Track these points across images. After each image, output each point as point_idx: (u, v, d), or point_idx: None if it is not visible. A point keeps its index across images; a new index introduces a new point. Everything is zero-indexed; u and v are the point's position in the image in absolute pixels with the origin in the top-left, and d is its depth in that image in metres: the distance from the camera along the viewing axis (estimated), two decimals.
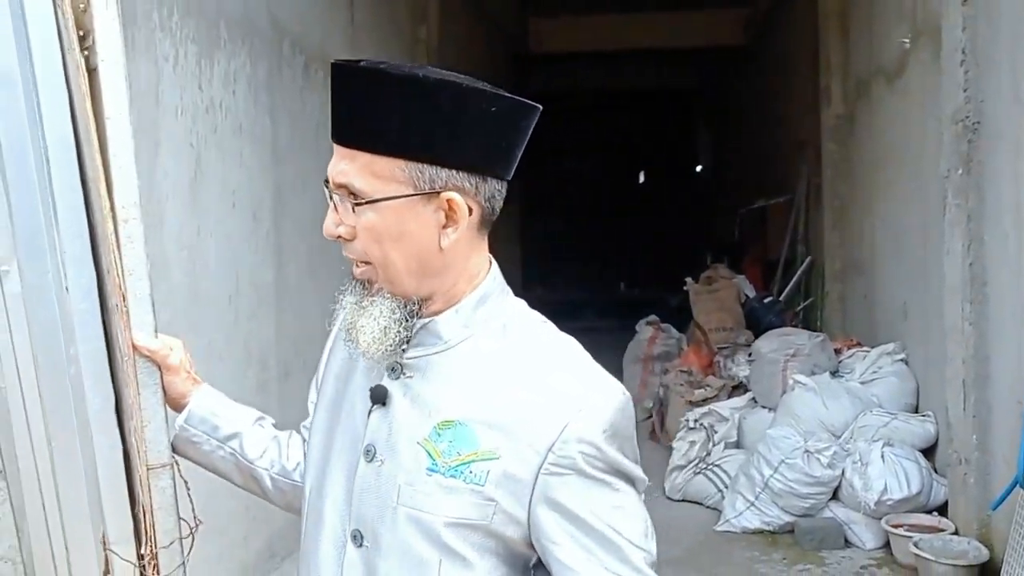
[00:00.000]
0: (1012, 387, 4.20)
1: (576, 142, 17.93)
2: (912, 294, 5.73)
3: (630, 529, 1.23)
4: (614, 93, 16.33)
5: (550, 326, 1.33)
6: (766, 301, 8.31)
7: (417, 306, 1.27)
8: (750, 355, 6.54)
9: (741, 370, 6.52)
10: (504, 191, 1.28)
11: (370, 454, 1.29)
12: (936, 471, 5.10)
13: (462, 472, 1.22)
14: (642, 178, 20.37)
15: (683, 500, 5.83)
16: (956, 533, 4.60)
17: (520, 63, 13.05)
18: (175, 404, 1.56)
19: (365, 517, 1.29)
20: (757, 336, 7.85)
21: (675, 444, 5.99)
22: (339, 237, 1.28)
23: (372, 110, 1.19)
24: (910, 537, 4.58)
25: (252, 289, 4.55)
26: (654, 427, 7.53)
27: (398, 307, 1.26)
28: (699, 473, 5.77)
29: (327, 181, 1.26)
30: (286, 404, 4.87)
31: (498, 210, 1.28)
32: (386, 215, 1.21)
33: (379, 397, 1.30)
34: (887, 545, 4.89)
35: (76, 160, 1.47)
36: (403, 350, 1.28)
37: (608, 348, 11.48)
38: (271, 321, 4.76)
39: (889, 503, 4.84)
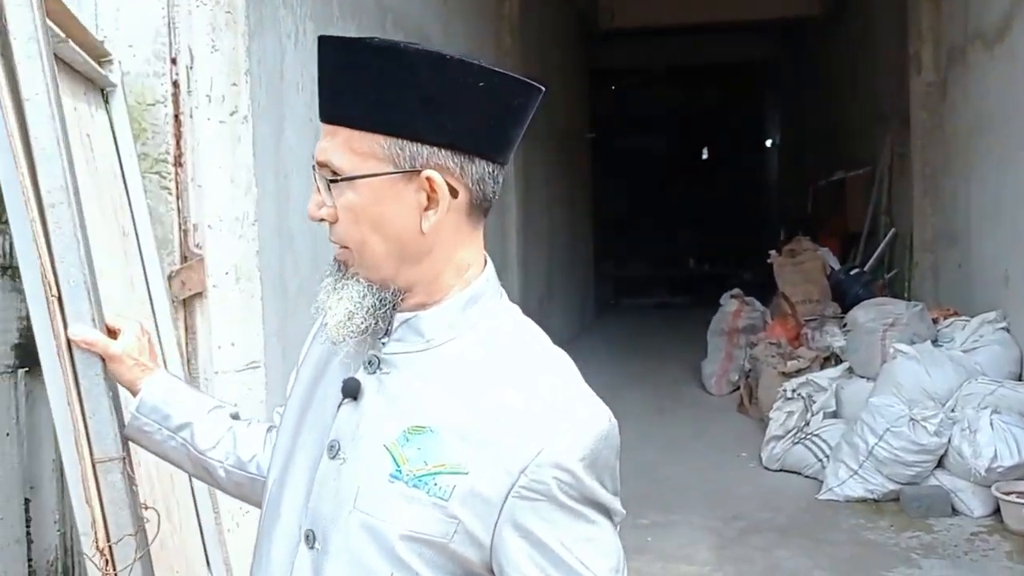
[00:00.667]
0: None
1: (645, 117, 17.85)
2: (1016, 261, 5.66)
3: (600, 564, 1.11)
4: (684, 68, 16.20)
5: (543, 338, 1.23)
6: (852, 273, 8.25)
7: (394, 296, 1.18)
8: (844, 325, 6.50)
9: (836, 340, 6.49)
10: (499, 176, 1.18)
11: (333, 450, 1.21)
12: None
13: (426, 483, 1.12)
14: (706, 153, 20.23)
15: (781, 470, 5.85)
16: None
17: (591, 40, 13.02)
18: (132, 391, 1.48)
19: (320, 516, 1.20)
20: (843, 308, 7.83)
21: (772, 415, 6.00)
22: (322, 220, 1.19)
23: (351, 84, 1.13)
24: (1023, 504, 4.55)
25: None
26: (742, 399, 7.55)
27: (369, 293, 1.17)
28: (798, 443, 5.78)
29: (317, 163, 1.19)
30: None
31: (491, 196, 1.18)
32: (364, 194, 1.14)
33: (350, 391, 1.21)
34: (996, 512, 4.87)
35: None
36: (382, 343, 1.20)
37: (680, 323, 11.54)
38: None
39: (999, 470, 4.82)
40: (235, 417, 1.52)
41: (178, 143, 3.03)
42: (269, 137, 3.64)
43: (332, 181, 1.15)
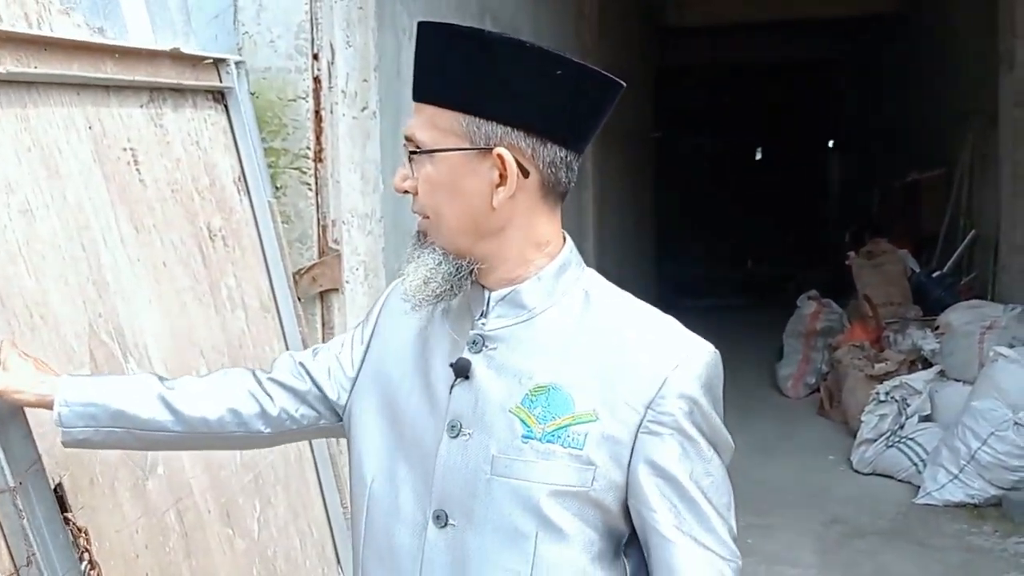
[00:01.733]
0: None
1: (711, 116, 17.72)
2: None
3: (719, 500, 1.20)
4: (753, 66, 16.06)
5: (629, 294, 1.31)
6: (934, 275, 8.13)
7: (469, 265, 1.24)
8: (936, 328, 6.41)
9: (927, 343, 6.40)
10: (573, 163, 1.25)
11: (455, 429, 1.25)
12: None
13: (559, 436, 1.19)
14: (767, 153, 20.03)
15: (873, 473, 5.78)
16: None
17: (660, 36, 12.96)
18: (46, 408, 1.45)
19: (451, 495, 1.24)
20: (925, 311, 7.72)
21: (864, 417, 5.93)
22: (406, 191, 1.28)
23: (438, 65, 1.22)
24: None
25: None
26: (822, 402, 7.46)
27: (445, 261, 1.24)
28: (891, 446, 5.71)
29: (408, 140, 1.27)
30: None
31: (564, 181, 1.25)
32: (441, 167, 1.22)
33: (462, 370, 1.25)
34: None
35: None
36: (482, 323, 1.26)
37: (744, 324, 11.44)
38: None
39: None
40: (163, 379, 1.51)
41: (318, 139, 3.05)
42: (388, 133, 3.65)
43: (413, 153, 1.24)
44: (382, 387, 1.36)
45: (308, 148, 3.04)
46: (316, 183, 3.06)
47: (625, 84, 1.28)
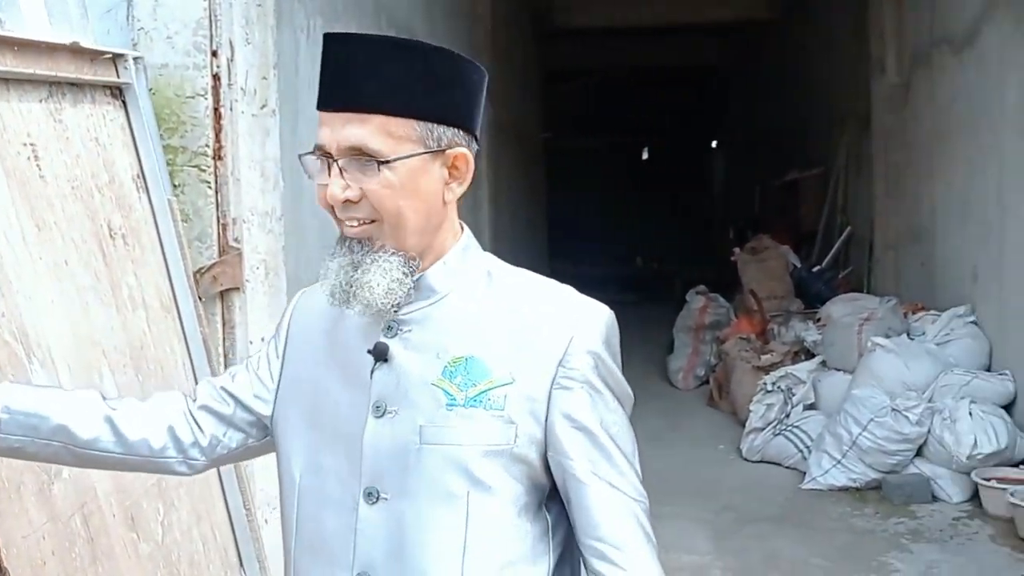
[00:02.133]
0: None
1: (594, 117, 18.00)
2: (982, 258, 5.89)
3: (626, 447, 1.33)
4: (637, 68, 16.38)
5: (526, 270, 1.43)
6: (815, 270, 8.48)
7: (416, 262, 1.31)
8: (818, 320, 6.68)
9: (809, 335, 6.67)
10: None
11: (380, 409, 1.33)
12: (1018, 427, 5.26)
13: (481, 401, 1.29)
14: (653, 153, 20.48)
15: (761, 461, 5.99)
16: None
17: (548, 38, 13.11)
18: None
19: (382, 471, 1.32)
20: (806, 304, 8.04)
21: (752, 407, 6.14)
22: (346, 201, 1.28)
23: (381, 75, 1.26)
24: (1004, 489, 4.76)
25: None
26: (711, 393, 7.69)
27: (402, 263, 1.29)
28: (778, 435, 5.93)
29: (318, 150, 1.30)
30: None
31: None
32: (401, 172, 1.27)
33: (381, 354, 1.33)
34: (974, 498, 5.08)
35: None
36: (395, 309, 1.31)
37: (633, 320, 11.59)
38: None
39: (979, 457, 5.02)
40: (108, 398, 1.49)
41: (217, 136, 3.01)
42: (286, 131, 3.59)
43: (385, 162, 1.26)
44: (302, 392, 1.42)
45: (207, 146, 3.00)
46: (216, 181, 3.01)
47: (485, 71, 1.37)
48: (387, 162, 1.26)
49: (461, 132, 1.31)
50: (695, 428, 6.99)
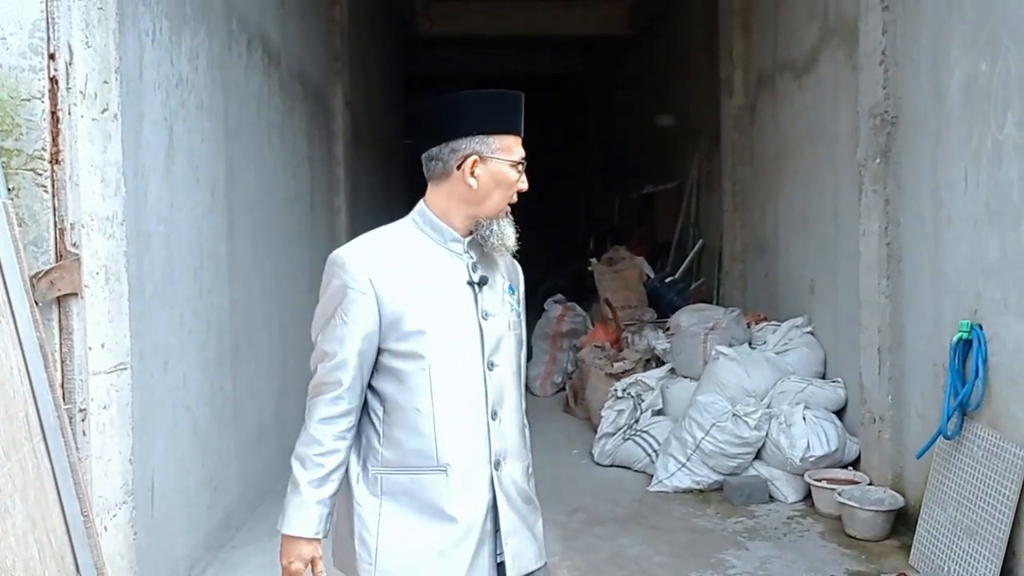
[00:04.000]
0: (927, 352, 4.70)
1: None
2: (820, 272, 6.23)
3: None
4: (500, 77, 16.53)
5: None
6: (667, 281, 8.77)
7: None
8: (667, 329, 6.93)
9: (659, 343, 6.90)
10: None
11: (487, 316, 2.25)
12: (847, 430, 5.59)
13: (517, 305, 2.36)
14: None
15: (612, 465, 6.18)
16: (871, 484, 5.10)
17: (409, 45, 13.13)
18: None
19: (493, 350, 2.25)
20: (659, 313, 8.32)
21: (604, 413, 6.32)
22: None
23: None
24: (833, 489, 5.05)
25: (212, 263, 4.63)
26: (567, 400, 7.87)
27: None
28: (628, 439, 6.13)
29: (519, 163, 2.30)
30: (238, 377, 4.99)
31: None
32: None
33: (484, 282, 2.26)
34: (807, 498, 5.38)
35: None
36: (471, 257, 2.27)
37: None
38: (226, 296, 4.84)
39: (811, 459, 5.31)
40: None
41: (55, 140, 2.95)
42: (129, 135, 3.57)
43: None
44: (413, 311, 2.19)
45: (44, 149, 2.93)
46: (53, 185, 2.95)
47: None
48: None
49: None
50: (551, 433, 7.14)
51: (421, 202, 2.32)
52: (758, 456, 5.59)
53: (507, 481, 2.24)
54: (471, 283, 2.22)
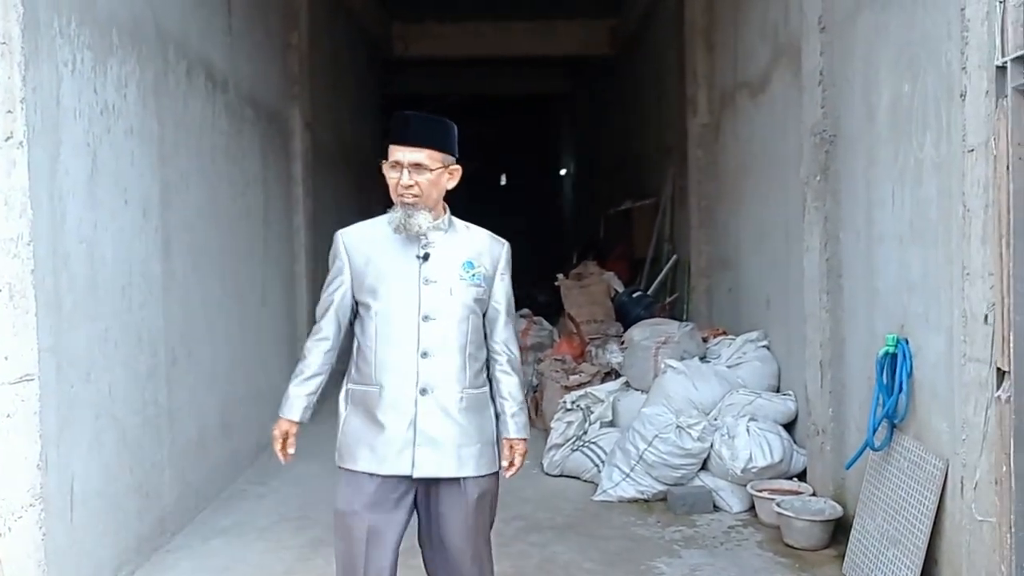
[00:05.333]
0: (863, 366, 4.74)
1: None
2: (775, 286, 6.27)
3: (512, 302, 3.21)
4: (481, 98, 16.65)
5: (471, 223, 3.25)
6: (634, 295, 8.81)
7: (434, 214, 3.06)
8: (623, 343, 6.95)
9: (614, 357, 6.93)
10: None
11: (428, 281, 3.04)
12: (796, 443, 5.61)
13: (474, 277, 3.08)
14: (504, 179, 20.82)
15: (561, 475, 6.24)
16: (814, 495, 5.11)
17: (385, 67, 13.22)
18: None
19: (431, 307, 3.02)
20: (625, 327, 8.34)
21: (553, 424, 6.37)
22: (410, 186, 3.00)
23: (426, 131, 3.04)
24: (773, 499, 5.06)
25: (143, 280, 4.77)
26: (529, 412, 7.86)
27: (429, 213, 3.03)
28: (576, 450, 6.17)
29: (398, 163, 3.00)
30: (174, 388, 5.13)
31: None
32: (434, 175, 3.01)
33: (426, 256, 3.05)
34: (751, 508, 5.41)
35: None
36: (424, 238, 3.04)
37: None
38: (160, 311, 4.98)
39: (754, 470, 5.34)
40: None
41: None
42: (44, 161, 3.73)
43: (432, 170, 3.01)
44: (368, 272, 3.08)
45: None
46: None
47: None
48: (435, 170, 3.02)
49: (450, 155, 3.07)
50: None
51: None
52: (704, 467, 5.61)
53: (431, 404, 3.02)
54: (418, 256, 3.04)
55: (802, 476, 5.49)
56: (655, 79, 10.61)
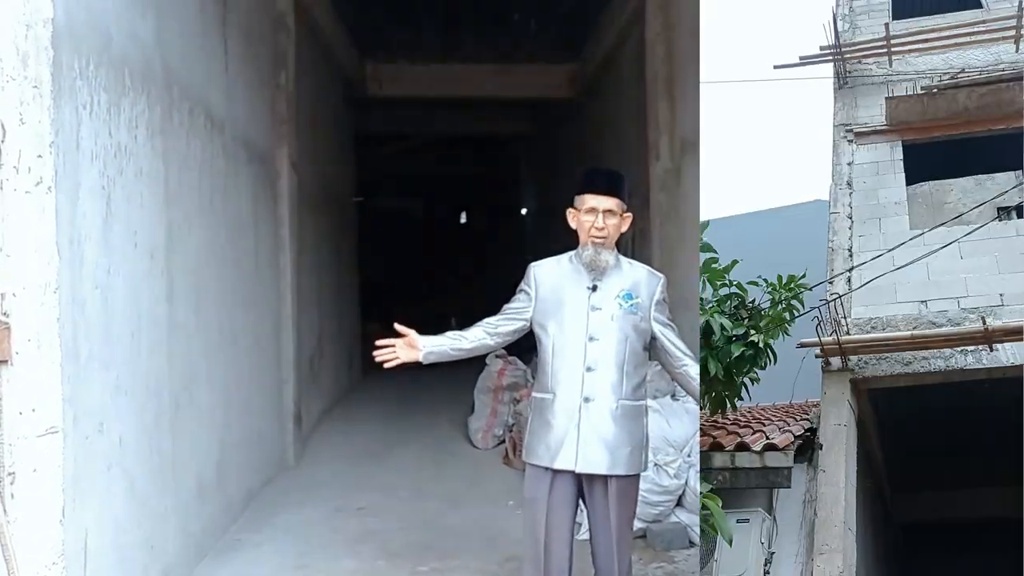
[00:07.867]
0: None
1: (407, 183, 18.39)
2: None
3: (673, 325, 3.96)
4: (447, 137, 16.92)
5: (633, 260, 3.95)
6: None
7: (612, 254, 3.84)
8: None
9: None
10: None
11: (594, 308, 3.73)
12: None
13: (632, 307, 3.76)
14: (465, 218, 21.03)
15: None
16: None
17: (360, 107, 13.45)
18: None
19: (596, 330, 3.71)
20: None
21: None
22: (602, 228, 3.76)
23: (611, 182, 3.86)
24: None
25: (151, 325, 4.72)
26: (507, 452, 8.06)
27: (614, 252, 3.83)
28: None
29: (593, 209, 3.78)
30: (177, 436, 5.07)
31: None
32: (620, 220, 3.80)
33: (594, 288, 3.75)
34: None
35: None
36: (594, 274, 3.80)
37: (444, 381, 11.92)
38: (164, 357, 4.93)
39: None
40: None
41: None
42: (65, 205, 3.69)
43: (622, 215, 3.84)
44: (551, 302, 3.80)
45: None
46: None
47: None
48: (621, 215, 3.82)
49: (626, 205, 3.83)
50: (490, 486, 7.34)
51: None
52: (679, 503, 5.82)
53: (592, 411, 3.70)
54: (588, 287, 3.76)
55: None
56: (613, 124, 10.89)
